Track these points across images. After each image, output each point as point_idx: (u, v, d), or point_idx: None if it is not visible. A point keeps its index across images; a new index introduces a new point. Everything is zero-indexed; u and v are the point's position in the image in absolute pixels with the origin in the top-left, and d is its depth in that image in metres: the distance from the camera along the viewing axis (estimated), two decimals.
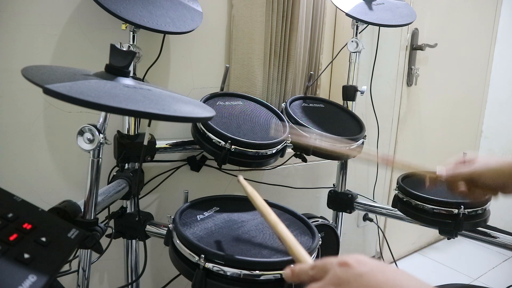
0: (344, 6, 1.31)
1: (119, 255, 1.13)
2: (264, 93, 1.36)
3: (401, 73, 1.92)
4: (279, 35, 1.36)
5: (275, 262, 0.73)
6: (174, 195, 1.28)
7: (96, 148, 0.71)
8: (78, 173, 1.09)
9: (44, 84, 0.49)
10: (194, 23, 1.09)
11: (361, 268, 0.40)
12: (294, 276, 0.49)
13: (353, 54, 1.38)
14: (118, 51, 0.67)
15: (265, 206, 0.67)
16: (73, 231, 0.55)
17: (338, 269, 0.41)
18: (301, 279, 0.48)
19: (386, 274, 0.38)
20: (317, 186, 1.64)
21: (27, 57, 0.99)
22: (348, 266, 0.40)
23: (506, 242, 1.12)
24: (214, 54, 1.31)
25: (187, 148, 1.19)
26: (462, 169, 0.75)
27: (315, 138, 1.11)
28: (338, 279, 0.40)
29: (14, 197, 0.54)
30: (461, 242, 2.26)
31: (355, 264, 0.40)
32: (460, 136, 2.46)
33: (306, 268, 0.47)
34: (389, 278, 0.38)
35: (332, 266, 0.42)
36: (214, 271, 0.72)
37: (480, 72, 2.47)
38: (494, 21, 2.44)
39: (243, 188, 0.72)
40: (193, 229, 0.83)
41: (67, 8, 1.03)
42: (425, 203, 1.09)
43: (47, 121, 1.04)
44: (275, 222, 0.63)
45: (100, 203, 0.82)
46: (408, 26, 1.79)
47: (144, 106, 0.56)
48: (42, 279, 0.44)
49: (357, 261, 0.41)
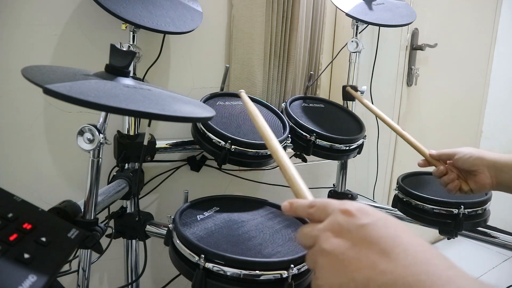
0: (344, 6, 1.31)
1: (119, 255, 1.13)
2: (264, 93, 1.36)
3: (401, 73, 1.92)
4: (279, 35, 1.35)
5: (275, 262, 0.73)
6: (174, 195, 1.28)
7: (96, 148, 0.71)
8: (78, 173, 1.09)
9: (44, 84, 0.49)
10: (194, 23, 1.09)
11: (364, 219, 0.38)
12: (292, 209, 0.46)
13: (353, 54, 1.38)
14: (118, 51, 0.67)
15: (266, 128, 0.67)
16: (73, 231, 0.55)
17: (339, 216, 0.39)
18: (298, 214, 0.45)
19: (389, 228, 0.37)
20: (317, 186, 1.63)
21: (27, 57, 0.99)
22: (350, 215, 0.38)
23: (506, 242, 1.12)
24: (214, 54, 1.31)
25: (187, 148, 1.18)
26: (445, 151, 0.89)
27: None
28: (338, 226, 0.38)
29: (14, 197, 0.54)
30: (461, 242, 2.26)
31: (358, 214, 0.38)
32: (460, 136, 2.46)
33: (305, 204, 0.44)
34: (391, 233, 0.36)
35: (333, 211, 0.40)
36: (214, 271, 0.72)
37: (480, 72, 2.47)
38: (494, 21, 2.44)
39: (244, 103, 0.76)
40: (193, 229, 0.83)
41: (67, 8, 1.03)
42: (425, 203, 1.08)
43: (47, 121, 1.04)
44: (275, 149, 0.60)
45: (100, 203, 0.82)
46: (408, 26, 1.79)
47: (144, 106, 0.56)
48: (42, 279, 0.44)
49: (360, 211, 0.39)
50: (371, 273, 0.34)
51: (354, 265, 0.35)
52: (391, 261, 0.34)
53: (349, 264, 0.36)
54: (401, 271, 0.33)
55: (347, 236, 0.37)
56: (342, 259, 0.36)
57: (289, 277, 0.72)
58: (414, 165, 0.91)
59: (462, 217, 1.04)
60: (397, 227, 0.37)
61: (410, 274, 0.33)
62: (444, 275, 0.32)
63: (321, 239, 0.39)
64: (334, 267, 0.37)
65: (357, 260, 0.35)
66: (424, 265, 0.33)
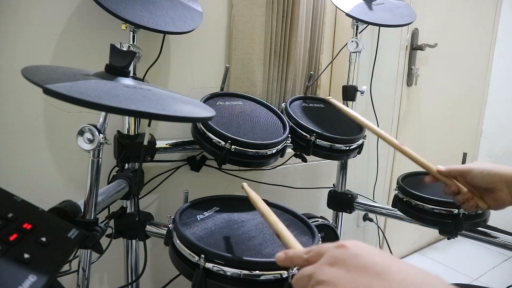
0: (344, 6, 1.31)
1: (119, 255, 1.13)
2: (264, 93, 1.36)
3: (401, 73, 1.92)
4: (279, 35, 1.35)
5: (275, 262, 0.73)
6: (174, 195, 1.28)
7: (96, 148, 0.71)
8: (78, 173, 1.09)
9: (44, 84, 0.49)
10: (194, 23, 1.09)
11: (358, 250, 0.39)
12: (286, 259, 0.47)
13: (353, 54, 1.38)
14: (118, 51, 0.67)
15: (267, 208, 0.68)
16: (73, 231, 0.55)
17: (334, 251, 0.41)
18: (295, 263, 0.46)
19: (383, 256, 0.38)
20: (317, 186, 1.64)
21: (27, 57, 0.99)
22: (344, 248, 0.40)
23: (506, 242, 1.12)
24: (214, 54, 1.31)
25: (187, 148, 1.18)
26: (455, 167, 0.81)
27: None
28: (333, 258, 0.40)
29: (14, 197, 0.54)
30: (461, 242, 2.27)
31: (351, 246, 0.40)
32: (460, 136, 2.46)
33: (301, 252, 0.46)
34: (385, 259, 0.37)
35: (328, 248, 0.42)
36: (214, 271, 0.72)
37: (480, 72, 2.47)
38: (494, 21, 2.44)
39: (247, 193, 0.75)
40: (193, 229, 0.83)
41: (67, 8, 1.03)
42: (425, 203, 1.08)
43: (47, 121, 1.04)
44: (275, 222, 0.63)
45: (100, 203, 0.82)
46: (408, 26, 1.79)
47: (144, 106, 0.56)
48: (42, 279, 0.44)
49: (354, 244, 0.40)
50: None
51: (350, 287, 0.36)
52: (386, 281, 0.34)
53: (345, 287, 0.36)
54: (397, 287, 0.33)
55: (342, 265, 0.38)
56: (337, 284, 0.37)
57: (289, 277, 0.72)
58: (414, 165, 0.89)
59: (462, 217, 1.04)
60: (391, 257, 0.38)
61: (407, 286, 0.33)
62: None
63: (317, 273, 0.40)
64: None
65: (352, 283, 0.36)
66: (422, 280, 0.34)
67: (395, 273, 0.35)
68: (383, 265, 0.36)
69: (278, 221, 0.62)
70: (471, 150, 2.57)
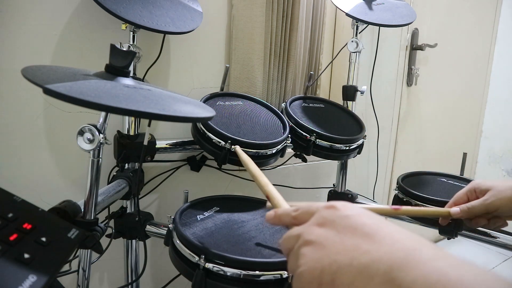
0: (344, 6, 1.31)
1: (119, 255, 1.13)
2: (264, 93, 1.36)
3: (401, 73, 1.92)
4: (279, 35, 1.35)
5: (275, 262, 0.73)
6: (174, 195, 1.28)
7: (96, 148, 0.71)
8: (78, 173, 1.09)
9: (44, 84, 0.49)
10: (194, 23, 1.09)
11: (348, 211, 0.38)
12: (276, 217, 0.47)
13: (353, 54, 1.38)
14: (118, 51, 0.67)
15: (258, 170, 0.71)
16: (73, 231, 0.55)
17: (324, 211, 0.40)
18: (283, 221, 0.46)
19: (374, 218, 0.37)
20: (317, 186, 1.63)
21: (27, 57, 0.99)
22: (334, 208, 0.39)
23: (506, 242, 1.12)
24: (214, 54, 1.31)
25: (187, 148, 1.18)
26: (476, 205, 0.75)
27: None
28: (322, 219, 0.39)
29: (14, 197, 0.54)
30: (461, 242, 2.26)
31: (341, 207, 0.39)
32: (460, 136, 2.46)
33: (289, 210, 0.45)
34: (374, 221, 0.36)
35: (317, 209, 0.41)
36: (214, 271, 0.72)
37: (480, 72, 2.47)
38: (494, 21, 2.44)
39: (239, 155, 0.78)
40: (193, 229, 0.83)
41: (67, 8, 1.03)
42: (425, 203, 1.09)
43: (47, 121, 1.04)
44: (265, 183, 0.65)
45: (100, 203, 0.82)
46: (408, 26, 1.79)
47: (144, 106, 0.56)
48: (42, 279, 0.44)
49: (344, 205, 0.39)
50: (354, 253, 0.33)
51: (337, 248, 0.35)
52: (375, 242, 0.33)
53: (332, 248, 0.35)
54: (386, 249, 0.32)
55: (331, 226, 0.37)
56: (325, 244, 0.36)
57: (289, 277, 0.72)
58: (414, 165, 0.89)
59: None
60: (380, 218, 0.37)
61: (396, 250, 0.32)
62: (433, 251, 0.32)
63: (305, 233, 0.39)
64: (317, 252, 0.36)
65: (340, 244, 0.35)
66: (412, 243, 0.32)
67: (385, 235, 0.34)
68: (372, 226, 0.35)
69: (268, 183, 0.64)
70: (471, 150, 2.57)
